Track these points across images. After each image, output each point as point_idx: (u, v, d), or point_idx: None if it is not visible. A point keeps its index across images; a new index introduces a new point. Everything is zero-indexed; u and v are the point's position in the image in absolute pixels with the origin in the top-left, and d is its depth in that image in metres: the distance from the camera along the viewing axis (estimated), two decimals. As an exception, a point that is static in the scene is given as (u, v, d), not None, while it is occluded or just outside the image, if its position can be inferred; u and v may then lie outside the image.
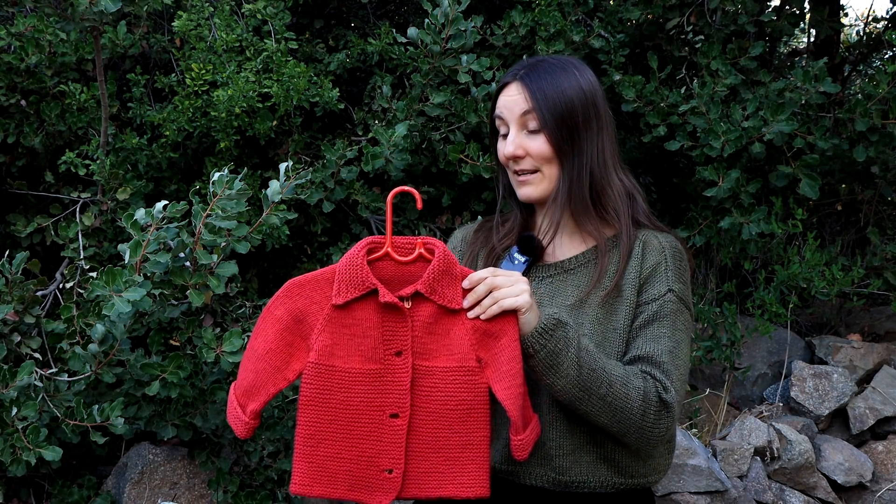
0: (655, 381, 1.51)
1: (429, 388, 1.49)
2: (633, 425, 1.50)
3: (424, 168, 3.29)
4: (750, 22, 3.37)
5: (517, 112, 1.64)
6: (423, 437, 1.48)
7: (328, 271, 1.50)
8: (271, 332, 1.48)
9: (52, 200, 3.26)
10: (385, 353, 1.49)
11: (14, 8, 3.27)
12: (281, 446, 2.96)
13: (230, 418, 1.51)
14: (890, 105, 3.15)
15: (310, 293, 1.49)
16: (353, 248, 1.51)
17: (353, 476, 1.49)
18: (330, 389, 1.47)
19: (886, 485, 3.30)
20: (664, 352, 1.54)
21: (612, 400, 1.47)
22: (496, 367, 1.48)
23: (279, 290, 1.50)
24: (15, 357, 2.49)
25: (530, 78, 1.63)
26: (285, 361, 1.48)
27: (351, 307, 1.48)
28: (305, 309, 1.48)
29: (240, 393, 1.50)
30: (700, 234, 3.35)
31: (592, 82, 1.66)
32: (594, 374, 1.46)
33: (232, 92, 2.95)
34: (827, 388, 3.49)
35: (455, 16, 2.93)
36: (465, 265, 1.72)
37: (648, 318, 1.58)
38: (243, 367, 1.51)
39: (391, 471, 1.48)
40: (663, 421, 1.51)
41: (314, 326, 1.48)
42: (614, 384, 1.47)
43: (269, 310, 1.49)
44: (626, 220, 1.64)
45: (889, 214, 4.38)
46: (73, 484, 2.93)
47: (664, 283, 1.60)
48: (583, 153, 1.63)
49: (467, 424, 1.48)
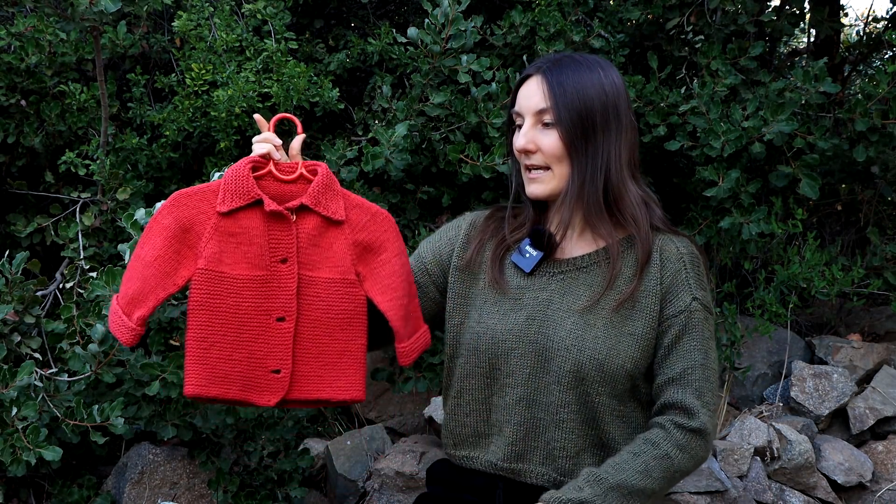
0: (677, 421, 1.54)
1: (311, 297, 1.57)
2: (690, 470, 1.56)
3: (424, 168, 3.29)
4: (750, 22, 3.37)
5: (534, 106, 1.62)
6: (306, 343, 1.57)
7: (214, 184, 1.57)
8: (159, 240, 1.53)
9: (52, 200, 3.26)
10: (271, 261, 1.56)
11: (14, 8, 3.27)
12: (281, 446, 2.96)
13: (113, 328, 1.53)
14: (890, 105, 3.15)
15: (196, 203, 1.55)
16: (235, 164, 1.57)
17: (245, 377, 1.55)
18: (219, 294, 1.54)
19: (886, 485, 3.30)
20: (696, 367, 1.57)
21: (657, 488, 1.52)
22: (376, 280, 1.59)
23: (165, 200, 1.56)
24: (15, 357, 2.49)
25: (552, 73, 1.61)
26: (174, 268, 1.53)
27: (236, 216, 1.55)
28: (192, 218, 1.54)
29: (124, 302, 1.52)
30: (700, 234, 3.35)
31: (617, 85, 1.62)
32: (633, 494, 1.49)
33: (232, 92, 2.95)
34: (827, 388, 3.49)
35: (455, 16, 2.93)
36: (471, 251, 1.72)
37: (678, 332, 1.59)
38: (128, 277, 1.54)
39: (279, 371, 1.56)
40: (705, 445, 1.56)
41: (201, 235, 1.54)
42: (649, 481, 1.50)
43: (156, 219, 1.54)
44: (645, 226, 1.63)
45: (889, 214, 4.38)
46: (73, 484, 2.92)
47: (688, 292, 1.60)
48: (598, 155, 1.60)
49: (347, 332, 1.58)
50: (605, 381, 1.56)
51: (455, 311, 1.72)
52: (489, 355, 1.65)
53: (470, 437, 1.69)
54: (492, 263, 1.70)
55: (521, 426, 1.62)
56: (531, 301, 1.65)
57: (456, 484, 1.71)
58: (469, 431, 1.69)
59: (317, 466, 3.21)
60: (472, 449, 1.69)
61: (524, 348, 1.62)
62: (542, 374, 1.60)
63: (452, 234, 1.78)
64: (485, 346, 1.65)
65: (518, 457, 1.63)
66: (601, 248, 1.65)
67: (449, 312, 1.73)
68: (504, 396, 1.64)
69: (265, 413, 2.86)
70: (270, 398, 1.56)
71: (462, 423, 1.70)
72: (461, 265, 1.73)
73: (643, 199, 1.65)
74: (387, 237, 1.61)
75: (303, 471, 2.99)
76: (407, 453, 3.05)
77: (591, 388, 1.57)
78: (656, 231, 1.65)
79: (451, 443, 1.73)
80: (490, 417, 1.67)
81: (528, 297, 1.65)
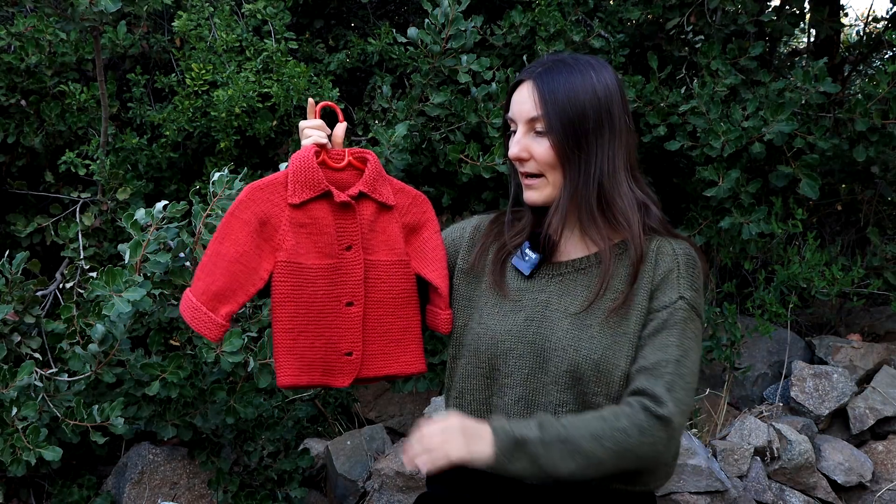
0: (645, 404, 1.50)
1: (374, 280, 1.66)
2: (644, 456, 1.50)
3: (424, 168, 3.29)
4: (750, 22, 3.37)
5: (526, 113, 1.61)
6: (372, 323, 1.65)
7: (280, 175, 1.62)
8: (242, 235, 1.57)
9: (52, 200, 3.26)
10: (338, 249, 1.63)
11: (14, 8, 3.28)
12: (281, 446, 2.96)
13: (196, 324, 1.56)
14: (890, 105, 3.15)
15: (269, 196, 1.60)
16: (300, 152, 1.62)
17: (324, 362, 1.63)
18: (300, 285, 1.60)
19: (886, 485, 3.30)
20: (670, 361, 1.53)
21: (605, 458, 1.48)
22: (423, 256, 1.69)
23: (241, 194, 1.59)
24: (15, 357, 2.49)
25: (543, 79, 1.60)
26: (258, 262, 1.59)
27: (307, 207, 1.61)
28: (268, 211, 1.60)
29: (208, 297, 1.56)
30: (700, 234, 3.35)
31: (610, 87, 1.61)
32: (579, 453, 1.47)
33: (232, 92, 2.95)
34: (827, 388, 3.49)
35: (455, 16, 2.93)
36: (475, 255, 1.73)
37: (658, 326, 1.57)
38: (209, 272, 1.57)
39: (351, 353, 1.64)
40: (667, 438, 1.50)
41: (278, 227, 1.60)
42: (599, 445, 1.47)
43: (234, 214, 1.58)
44: (637, 229, 1.62)
45: (889, 214, 4.38)
46: (73, 484, 2.93)
47: (675, 290, 1.58)
48: (591, 162, 1.59)
49: (407, 310, 1.69)
50: (600, 382, 1.56)
51: (459, 312, 1.73)
52: (489, 356, 1.65)
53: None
54: (493, 266, 1.71)
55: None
56: (530, 302, 1.66)
57: (456, 483, 1.72)
58: (470, 432, 1.70)
59: (317, 466, 3.21)
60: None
61: (522, 349, 1.62)
62: (540, 374, 1.61)
63: (457, 236, 1.80)
64: (485, 347, 1.66)
65: None
66: (594, 253, 1.66)
67: (453, 314, 1.74)
68: (503, 397, 1.65)
69: (265, 413, 2.86)
70: (345, 379, 1.65)
71: (463, 424, 1.71)
72: (466, 268, 1.75)
73: (640, 201, 1.64)
74: (427, 217, 1.72)
75: (303, 471, 2.99)
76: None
77: (587, 388, 1.57)
78: (653, 233, 1.64)
79: (452, 443, 1.74)
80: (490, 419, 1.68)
81: (528, 299, 1.66)
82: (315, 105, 1.71)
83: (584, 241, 1.67)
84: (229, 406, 2.62)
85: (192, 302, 1.57)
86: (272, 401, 2.91)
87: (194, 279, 1.58)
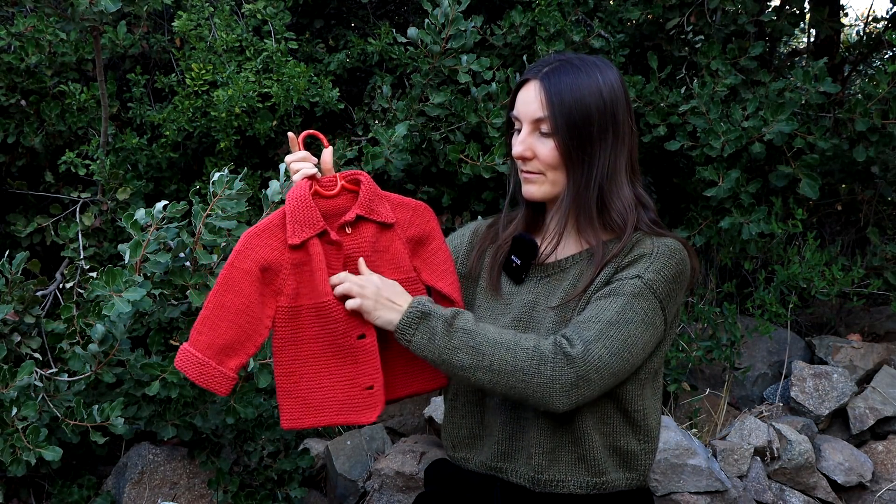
0: (558, 340, 1.49)
1: None
2: (533, 384, 1.48)
3: (424, 168, 3.29)
4: (750, 22, 3.37)
5: (532, 113, 1.61)
6: (388, 347, 1.60)
7: (276, 217, 1.59)
8: (245, 286, 1.54)
9: (52, 200, 3.26)
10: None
11: (14, 8, 3.28)
12: (281, 446, 2.96)
13: (205, 379, 1.53)
14: (890, 105, 3.15)
15: (267, 241, 1.57)
16: (295, 190, 1.58)
17: (339, 401, 1.59)
18: (301, 328, 1.57)
19: (886, 485, 3.30)
20: (601, 321, 1.51)
21: (498, 367, 1.49)
22: (433, 268, 1.66)
23: (238, 243, 1.57)
24: (15, 357, 2.49)
25: (550, 80, 1.60)
26: (262, 311, 1.56)
27: (305, 245, 1.57)
28: (268, 256, 1.56)
29: (214, 352, 1.53)
30: (700, 234, 3.35)
31: (615, 89, 1.61)
32: (476, 350, 1.49)
33: (232, 92, 2.95)
34: (827, 388, 3.49)
35: (455, 16, 2.93)
36: (473, 259, 1.74)
37: (605, 293, 1.55)
38: (213, 325, 1.53)
39: (372, 387, 1.58)
40: (564, 374, 1.47)
41: (279, 272, 1.57)
42: (498, 352, 1.49)
43: (234, 265, 1.55)
44: (631, 231, 1.62)
45: (889, 214, 4.38)
46: (73, 484, 2.93)
47: (636, 270, 1.56)
48: (593, 164, 1.59)
49: None
50: None
51: None
52: None
53: (466, 438, 1.72)
54: (489, 270, 1.73)
55: (507, 426, 1.65)
56: (518, 304, 1.68)
57: (453, 484, 1.72)
58: (465, 433, 1.72)
59: (317, 466, 3.22)
60: (468, 450, 1.71)
61: None
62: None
63: (457, 242, 1.82)
64: None
65: (504, 456, 1.66)
66: (585, 249, 1.66)
67: None
68: (494, 397, 1.66)
69: (265, 413, 2.86)
70: (370, 414, 1.59)
71: (459, 425, 1.73)
72: (465, 273, 1.76)
73: (636, 202, 1.64)
74: (431, 227, 1.67)
75: (303, 471, 2.99)
76: (407, 453, 3.05)
77: None
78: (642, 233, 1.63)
79: (450, 444, 1.75)
80: (483, 419, 1.70)
81: (516, 301, 1.69)
82: (296, 138, 1.67)
83: (579, 240, 1.67)
84: (229, 406, 2.62)
85: (196, 357, 1.52)
86: (272, 401, 2.91)
87: (194, 333, 1.54)
